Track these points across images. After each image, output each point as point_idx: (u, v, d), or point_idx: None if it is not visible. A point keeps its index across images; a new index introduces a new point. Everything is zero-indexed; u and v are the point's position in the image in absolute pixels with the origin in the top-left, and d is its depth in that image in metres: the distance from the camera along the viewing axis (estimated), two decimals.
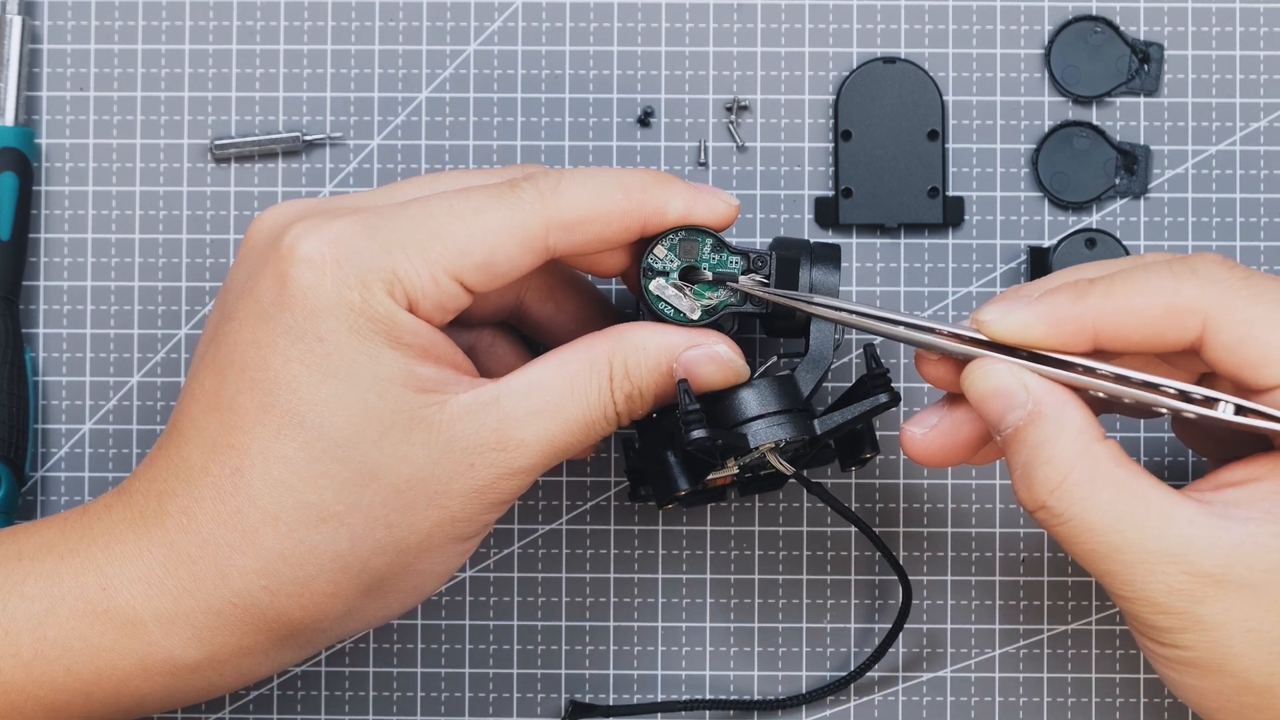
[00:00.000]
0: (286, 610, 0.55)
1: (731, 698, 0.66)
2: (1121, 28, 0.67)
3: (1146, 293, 0.54)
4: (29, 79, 0.67)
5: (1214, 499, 0.54)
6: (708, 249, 0.58)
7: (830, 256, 0.60)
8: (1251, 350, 0.53)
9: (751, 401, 0.58)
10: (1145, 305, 0.54)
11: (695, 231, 0.58)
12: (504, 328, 0.63)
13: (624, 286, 0.66)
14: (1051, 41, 0.67)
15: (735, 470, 0.59)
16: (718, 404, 0.58)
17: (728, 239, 0.58)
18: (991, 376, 0.55)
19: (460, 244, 0.55)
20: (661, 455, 0.59)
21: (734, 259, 0.58)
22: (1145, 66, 0.66)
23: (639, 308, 0.59)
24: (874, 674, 0.66)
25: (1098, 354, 0.55)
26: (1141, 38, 0.67)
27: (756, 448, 0.57)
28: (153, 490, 0.56)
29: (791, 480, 0.61)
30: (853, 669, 0.66)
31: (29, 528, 0.57)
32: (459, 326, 0.60)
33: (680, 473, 0.59)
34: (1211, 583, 0.52)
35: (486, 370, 0.63)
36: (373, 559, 0.55)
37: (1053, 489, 0.54)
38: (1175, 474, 0.67)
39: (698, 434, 0.56)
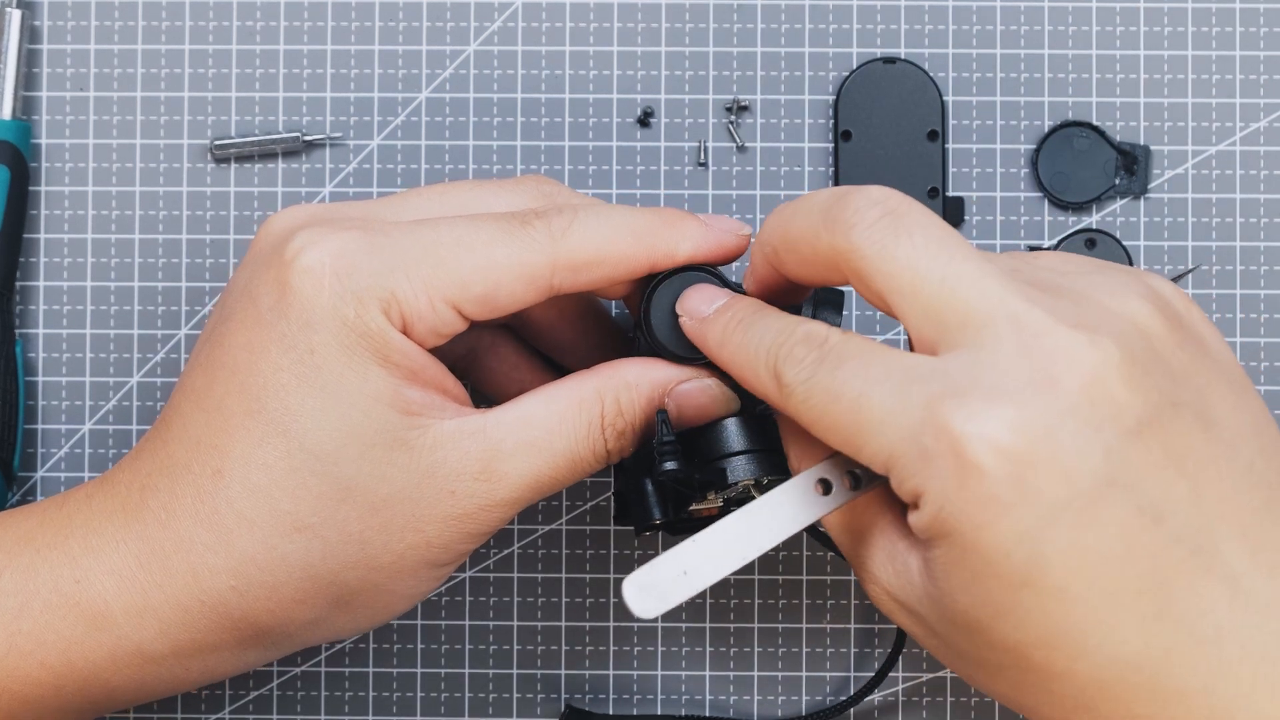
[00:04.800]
0: (253, 612, 0.55)
1: (730, 716, 0.66)
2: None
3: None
4: (29, 79, 0.67)
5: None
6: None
7: (833, 303, 0.59)
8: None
9: (737, 435, 0.57)
10: (803, 253, 0.54)
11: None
12: (505, 330, 0.63)
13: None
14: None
15: (720, 503, 0.59)
16: (703, 435, 0.58)
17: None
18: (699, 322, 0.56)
19: (464, 275, 0.55)
20: (640, 483, 0.59)
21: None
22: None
23: (636, 335, 0.59)
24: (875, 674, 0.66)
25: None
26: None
27: (735, 483, 0.57)
28: (136, 483, 0.56)
29: None
30: (851, 694, 0.66)
31: (5, 519, 0.57)
32: None
33: (655, 502, 0.59)
34: (891, 599, 0.53)
35: (487, 370, 0.63)
36: (343, 573, 0.55)
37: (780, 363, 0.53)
38: None
39: (670, 466, 0.56)
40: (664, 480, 0.57)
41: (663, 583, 0.51)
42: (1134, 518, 0.48)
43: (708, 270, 0.58)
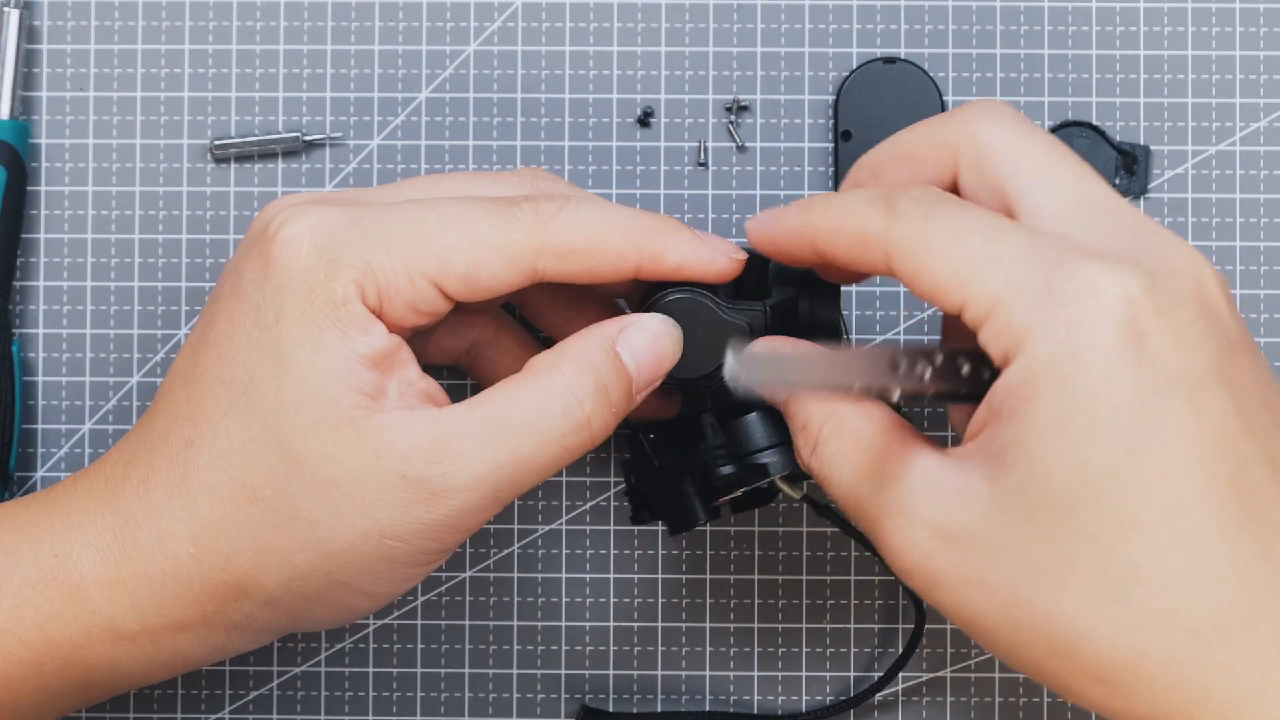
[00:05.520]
0: (211, 583, 0.55)
1: (731, 710, 0.66)
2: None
3: (843, 217, 0.53)
4: (28, 79, 0.67)
5: (960, 453, 0.52)
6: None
7: (829, 296, 0.59)
8: (927, 276, 0.51)
9: (763, 430, 0.57)
10: (842, 230, 0.53)
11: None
12: (507, 324, 0.63)
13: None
14: None
15: (739, 493, 0.59)
16: (731, 432, 0.58)
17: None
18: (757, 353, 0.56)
19: (445, 251, 0.54)
20: (680, 487, 0.59)
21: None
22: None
23: None
24: (874, 674, 0.66)
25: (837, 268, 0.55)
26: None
27: (773, 477, 0.57)
28: (121, 460, 0.56)
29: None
30: (853, 694, 0.66)
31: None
32: (462, 314, 0.60)
33: (700, 504, 0.59)
34: (940, 536, 0.50)
35: (489, 363, 0.62)
36: (294, 553, 0.54)
37: (811, 450, 0.54)
38: None
39: (727, 470, 0.56)
40: (720, 485, 0.57)
41: (760, 363, 0.50)
42: (1234, 417, 0.49)
43: (707, 295, 0.57)
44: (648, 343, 0.56)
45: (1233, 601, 0.48)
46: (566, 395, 0.54)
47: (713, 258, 0.56)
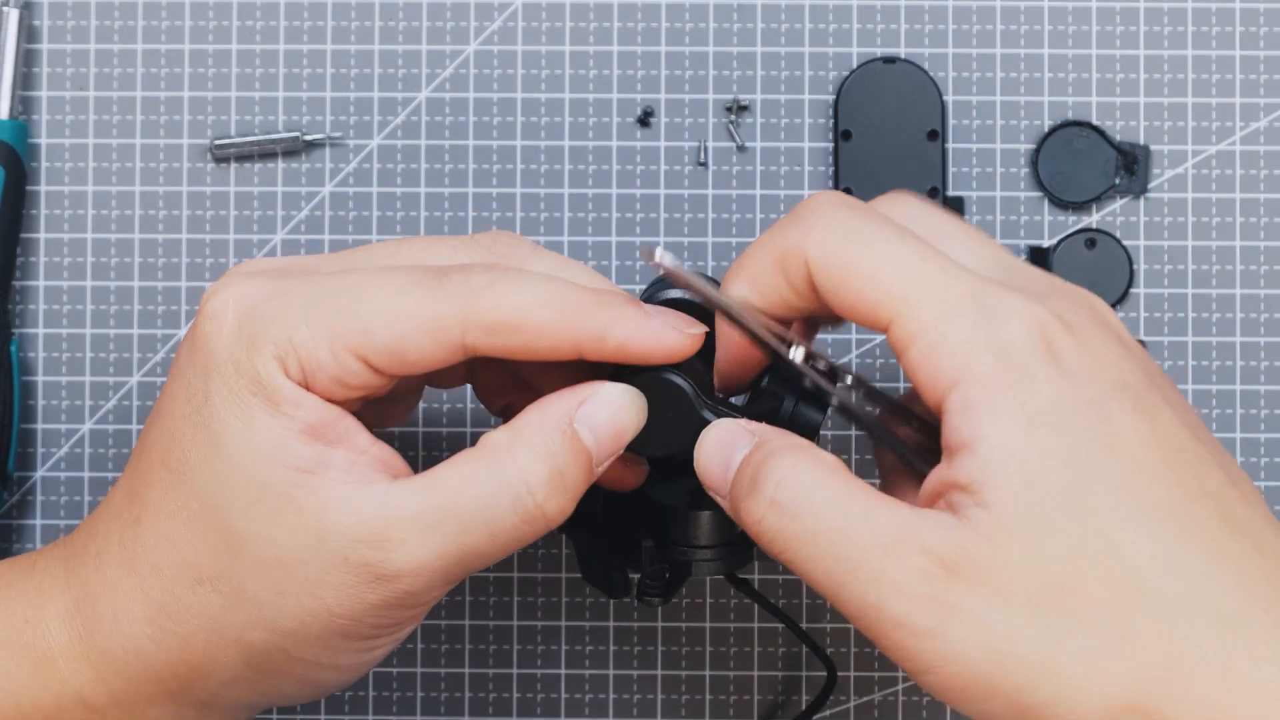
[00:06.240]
0: (171, 663, 0.54)
1: None
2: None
3: (763, 246, 0.52)
4: (29, 79, 0.67)
5: None
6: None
7: (819, 404, 0.56)
8: (852, 288, 0.50)
9: (701, 529, 0.56)
10: (764, 265, 0.52)
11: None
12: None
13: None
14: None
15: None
16: (673, 522, 0.57)
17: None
18: (717, 428, 0.53)
19: (366, 323, 0.52)
20: (607, 558, 0.59)
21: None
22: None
23: None
24: (874, 674, 0.66)
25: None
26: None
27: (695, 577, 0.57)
28: (85, 532, 0.56)
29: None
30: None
31: None
32: None
33: (622, 583, 0.60)
34: (948, 565, 0.48)
35: (484, 388, 0.60)
36: (247, 632, 0.53)
37: (778, 481, 0.50)
38: None
39: (656, 600, 0.57)
40: (646, 603, 0.58)
41: (686, 269, 0.51)
42: (1180, 427, 0.49)
43: (685, 384, 0.54)
44: (608, 417, 0.53)
45: (1248, 590, 0.47)
46: (518, 485, 0.52)
47: (659, 334, 0.53)
